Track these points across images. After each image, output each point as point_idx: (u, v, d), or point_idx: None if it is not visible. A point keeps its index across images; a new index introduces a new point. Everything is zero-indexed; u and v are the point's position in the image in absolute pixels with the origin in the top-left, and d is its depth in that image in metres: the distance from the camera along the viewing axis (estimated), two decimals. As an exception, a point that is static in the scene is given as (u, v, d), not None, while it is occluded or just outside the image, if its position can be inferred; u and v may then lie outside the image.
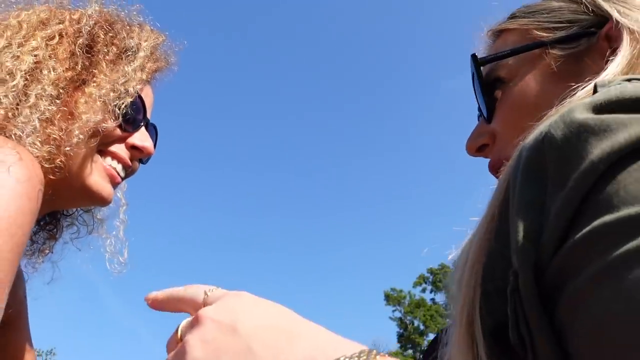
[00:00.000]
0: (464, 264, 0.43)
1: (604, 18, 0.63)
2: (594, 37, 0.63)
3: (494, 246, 0.40)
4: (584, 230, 0.33)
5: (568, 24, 0.65)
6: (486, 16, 0.75)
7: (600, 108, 0.36)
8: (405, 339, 32.00)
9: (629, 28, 0.59)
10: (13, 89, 0.73)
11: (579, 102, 0.38)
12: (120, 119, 0.81)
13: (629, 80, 0.41)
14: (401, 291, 32.97)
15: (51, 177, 0.74)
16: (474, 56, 0.71)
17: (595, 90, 0.42)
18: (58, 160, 0.74)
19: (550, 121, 0.38)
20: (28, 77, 0.75)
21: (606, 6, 0.63)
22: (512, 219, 0.38)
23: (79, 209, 0.99)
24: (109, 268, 0.95)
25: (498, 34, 0.74)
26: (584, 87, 0.50)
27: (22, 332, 0.90)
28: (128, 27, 0.89)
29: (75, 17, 0.84)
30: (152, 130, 0.94)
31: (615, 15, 0.61)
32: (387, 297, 33.05)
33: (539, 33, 0.67)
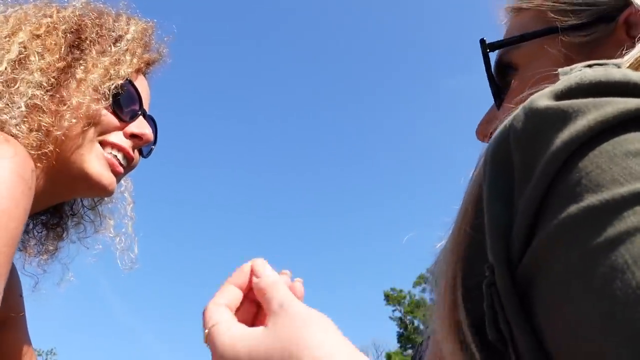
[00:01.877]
0: (445, 258, 0.41)
1: (625, 1, 0.57)
2: (612, 23, 0.57)
3: (473, 240, 0.39)
4: (550, 225, 0.32)
5: (586, 7, 0.59)
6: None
7: (561, 95, 0.35)
8: (405, 339, 31.94)
9: None
10: (0, 76, 0.73)
11: (541, 92, 0.37)
12: (111, 100, 0.82)
13: (589, 66, 0.40)
14: (401, 291, 32.93)
15: (38, 164, 0.74)
16: (482, 41, 0.67)
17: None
18: (46, 148, 0.74)
19: (515, 112, 0.37)
20: (17, 65, 0.76)
21: None
22: (485, 212, 0.37)
23: (84, 207, 0.99)
24: (120, 265, 0.95)
25: (516, 11, 0.68)
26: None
27: (19, 331, 0.90)
28: (115, 17, 0.90)
29: (57, 9, 0.85)
30: (151, 123, 0.94)
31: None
32: (387, 297, 33.02)
33: (553, 16, 0.61)
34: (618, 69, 0.38)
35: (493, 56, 0.69)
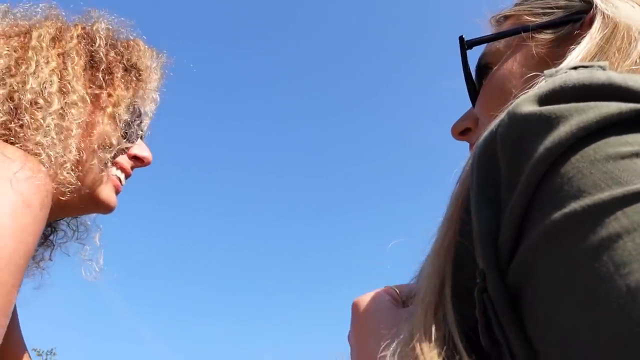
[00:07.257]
0: (431, 264, 0.41)
1: (590, 4, 0.61)
2: (578, 23, 0.61)
3: (460, 245, 0.39)
4: (534, 232, 0.32)
5: (557, 9, 0.64)
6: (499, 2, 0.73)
7: (545, 99, 0.35)
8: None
9: (603, 13, 0.57)
10: (52, 114, 0.74)
11: (525, 95, 0.37)
12: (140, 139, 0.87)
13: (575, 68, 0.40)
14: (401, 291, 33.01)
15: (61, 197, 0.75)
16: (461, 38, 0.70)
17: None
18: (73, 178, 0.75)
19: (500, 117, 0.37)
20: (59, 99, 0.77)
21: None
22: (473, 217, 0.37)
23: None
24: (84, 275, 0.97)
25: (500, 21, 0.72)
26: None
27: (12, 323, 0.88)
28: (133, 46, 0.92)
29: (79, 32, 0.85)
30: None
31: (596, 0, 0.59)
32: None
33: (528, 18, 0.65)
34: (603, 71, 0.38)
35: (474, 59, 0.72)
